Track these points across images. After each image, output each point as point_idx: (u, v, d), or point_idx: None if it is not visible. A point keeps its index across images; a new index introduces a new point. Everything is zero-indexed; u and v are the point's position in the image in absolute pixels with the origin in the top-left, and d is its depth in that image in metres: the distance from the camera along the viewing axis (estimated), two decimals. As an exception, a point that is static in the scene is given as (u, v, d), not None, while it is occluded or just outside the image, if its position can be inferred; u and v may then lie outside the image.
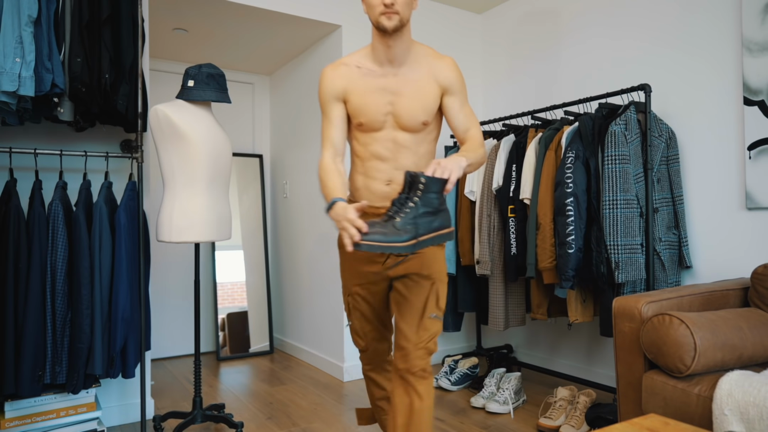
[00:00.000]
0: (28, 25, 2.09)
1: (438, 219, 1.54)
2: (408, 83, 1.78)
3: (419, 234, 1.49)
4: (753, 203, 2.45)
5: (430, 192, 1.51)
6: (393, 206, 1.52)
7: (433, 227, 1.53)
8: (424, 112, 1.79)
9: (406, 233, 1.47)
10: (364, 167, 1.83)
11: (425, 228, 1.51)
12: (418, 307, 1.78)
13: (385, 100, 1.77)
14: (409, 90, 1.78)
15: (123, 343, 2.39)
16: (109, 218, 2.40)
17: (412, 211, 1.50)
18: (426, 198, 1.51)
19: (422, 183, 1.49)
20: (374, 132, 1.80)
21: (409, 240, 1.47)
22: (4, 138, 2.51)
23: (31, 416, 2.33)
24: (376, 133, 1.80)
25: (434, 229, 1.54)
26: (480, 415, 2.81)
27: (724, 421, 1.64)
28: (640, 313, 1.96)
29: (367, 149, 1.82)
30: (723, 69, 2.60)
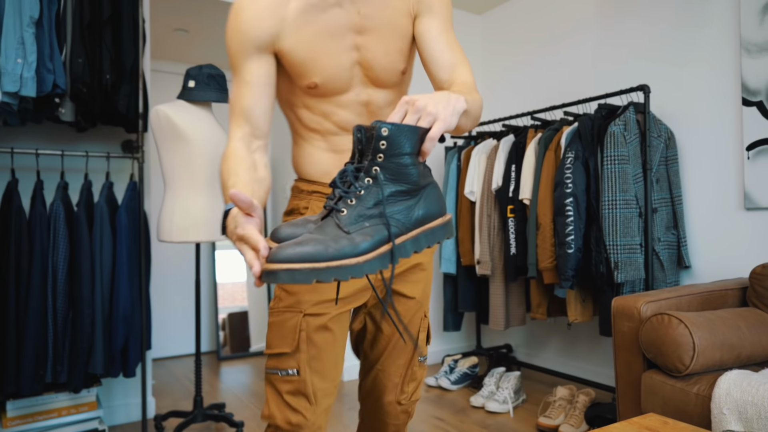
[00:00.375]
0: (30, 26, 2.10)
1: (421, 202, 0.89)
2: (375, 14, 1.19)
3: (390, 234, 0.84)
4: (751, 203, 2.45)
5: (397, 154, 0.85)
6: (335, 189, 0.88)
7: (413, 218, 0.88)
8: (402, 55, 1.23)
9: (363, 237, 0.82)
10: (322, 142, 1.24)
11: (401, 221, 0.86)
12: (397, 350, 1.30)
13: (348, 45, 1.17)
14: (378, 23, 1.20)
15: (124, 342, 2.40)
16: (110, 218, 2.41)
17: (370, 194, 0.85)
18: (393, 165, 0.85)
19: (383, 139, 0.84)
20: (336, 95, 1.20)
21: (369, 249, 0.82)
22: (6, 138, 2.52)
23: (33, 415, 2.34)
24: (339, 97, 1.20)
25: (417, 221, 0.88)
26: (480, 414, 2.82)
27: (722, 420, 1.65)
28: (639, 313, 1.97)
29: (328, 121, 1.22)
30: (721, 70, 2.61)
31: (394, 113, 0.89)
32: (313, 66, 1.15)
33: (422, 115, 0.88)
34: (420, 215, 0.89)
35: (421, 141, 0.87)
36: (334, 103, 1.20)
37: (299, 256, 0.77)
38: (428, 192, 0.91)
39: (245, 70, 1.14)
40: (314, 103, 1.20)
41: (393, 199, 0.86)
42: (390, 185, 0.86)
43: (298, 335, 1.15)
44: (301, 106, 1.22)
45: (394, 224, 0.85)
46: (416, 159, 0.87)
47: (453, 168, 3.43)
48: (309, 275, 0.76)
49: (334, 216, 0.85)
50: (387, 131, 0.84)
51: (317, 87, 1.17)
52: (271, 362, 1.18)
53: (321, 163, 1.24)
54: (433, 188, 0.92)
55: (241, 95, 1.15)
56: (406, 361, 1.30)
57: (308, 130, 1.24)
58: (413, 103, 0.89)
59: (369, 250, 0.82)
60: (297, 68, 1.16)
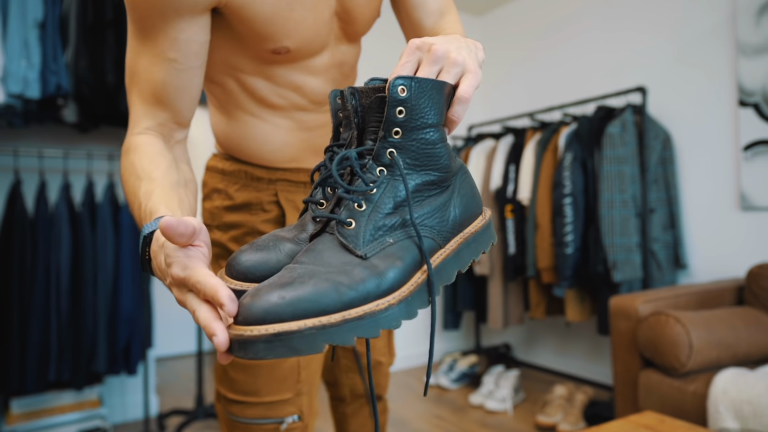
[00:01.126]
0: (34, 28, 2.12)
1: (455, 196, 0.61)
2: None
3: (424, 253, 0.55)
4: (748, 204, 2.48)
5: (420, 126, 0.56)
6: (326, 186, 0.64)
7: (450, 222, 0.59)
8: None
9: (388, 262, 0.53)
10: (292, 123, 0.94)
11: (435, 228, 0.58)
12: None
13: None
14: None
15: (126, 341, 2.42)
16: (113, 218, 2.43)
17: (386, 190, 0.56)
18: (415, 145, 0.57)
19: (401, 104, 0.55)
20: (308, 58, 0.90)
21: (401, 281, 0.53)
22: (10, 139, 2.54)
23: (37, 413, 2.36)
24: (310, 61, 0.90)
25: (455, 225, 0.60)
26: (479, 413, 2.84)
27: (718, 418, 1.67)
28: (637, 312, 1.99)
29: (296, 94, 0.92)
30: (718, 71, 2.63)
31: (402, 62, 0.58)
32: (285, 25, 0.82)
33: (445, 66, 0.58)
34: (457, 216, 0.59)
35: (448, 105, 0.59)
36: (305, 70, 0.90)
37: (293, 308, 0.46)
38: (462, 181, 0.61)
39: (166, 40, 0.75)
40: (279, 72, 0.88)
41: (419, 195, 0.57)
42: (414, 175, 0.57)
43: (298, 376, 0.91)
44: (257, 75, 0.88)
45: (428, 234, 0.56)
46: (444, 132, 0.59)
47: (452, 168, 3.45)
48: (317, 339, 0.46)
49: (335, 231, 0.55)
50: (406, 91, 0.54)
51: (289, 52, 0.85)
52: (253, 410, 0.89)
53: (286, 146, 0.94)
54: (465, 175, 0.63)
55: (158, 75, 0.77)
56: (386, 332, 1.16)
57: (264, 106, 0.91)
58: (430, 48, 0.59)
59: (401, 282, 0.52)
60: (259, 29, 0.81)
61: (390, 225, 0.55)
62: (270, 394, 0.89)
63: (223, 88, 0.91)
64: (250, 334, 0.45)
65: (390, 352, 1.18)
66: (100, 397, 2.52)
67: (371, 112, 0.57)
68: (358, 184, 0.56)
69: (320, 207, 0.62)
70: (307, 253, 0.54)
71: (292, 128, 0.94)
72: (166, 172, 0.73)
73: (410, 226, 0.56)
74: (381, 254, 0.53)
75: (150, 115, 0.79)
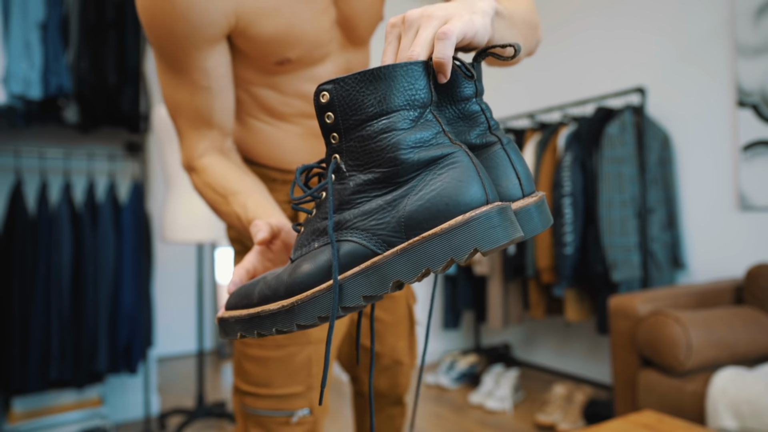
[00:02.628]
0: (36, 29, 2.13)
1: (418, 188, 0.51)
2: None
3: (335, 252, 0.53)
4: (747, 204, 2.49)
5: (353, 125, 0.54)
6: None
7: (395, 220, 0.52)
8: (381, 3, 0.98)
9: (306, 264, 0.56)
10: (302, 130, 0.97)
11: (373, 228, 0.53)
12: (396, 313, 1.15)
13: (324, 4, 0.89)
14: None
15: (127, 340, 2.43)
16: (114, 218, 2.44)
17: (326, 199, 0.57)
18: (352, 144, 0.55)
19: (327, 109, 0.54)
20: (312, 67, 0.93)
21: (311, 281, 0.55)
22: (12, 139, 2.54)
23: (39, 412, 2.37)
24: (314, 69, 0.94)
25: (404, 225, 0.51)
26: (478, 412, 2.85)
27: (717, 417, 1.68)
28: (636, 312, 2.00)
29: (303, 101, 0.95)
30: (717, 72, 2.64)
31: (386, 49, 0.58)
32: (286, 39, 0.86)
33: (421, 23, 0.55)
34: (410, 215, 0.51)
35: (428, 74, 0.53)
36: (309, 78, 0.93)
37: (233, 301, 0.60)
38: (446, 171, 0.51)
39: (197, 71, 0.83)
40: (285, 81, 0.92)
41: (362, 196, 0.54)
42: (358, 175, 0.54)
43: (309, 371, 0.94)
44: (265, 86, 0.92)
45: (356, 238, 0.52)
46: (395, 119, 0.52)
47: (452, 168, 3.46)
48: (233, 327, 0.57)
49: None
50: (327, 95, 0.54)
51: (291, 62, 0.89)
52: (267, 403, 0.93)
53: (297, 150, 0.97)
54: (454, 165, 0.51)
55: (199, 104, 0.86)
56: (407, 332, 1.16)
57: (273, 116, 0.95)
58: (403, 18, 0.57)
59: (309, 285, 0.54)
60: (263, 45, 0.85)
61: (321, 230, 0.56)
62: (282, 386, 0.92)
63: (237, 99, 0.95)
64: (219, 315, 0.61)
65: (411, 353, 1.18)
66: (102, 396, 2.53)
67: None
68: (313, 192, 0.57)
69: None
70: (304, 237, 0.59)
71: (302, 134, 0.97)
72: (243, 182, 0.84)
73: (343, 229, 0.53)
74: (305, 258, 0.56)
75: (202, 137, 0.88)
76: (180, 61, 0.82)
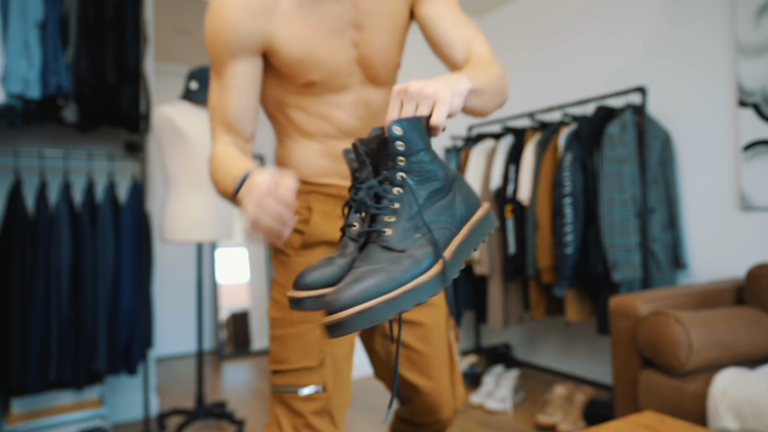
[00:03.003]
0: (34, 29, 2.12)
1: (457, 197, 0.82)
2: (371, 8, 1.10)
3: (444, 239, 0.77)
4: (747, 204, 2.48)
5: (416, 152, 0.77)
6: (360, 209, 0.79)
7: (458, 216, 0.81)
8: (399, 49, 1.17)
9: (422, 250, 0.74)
10: (322, 148, 1.15)
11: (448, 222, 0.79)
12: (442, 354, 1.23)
13: (346, 42, 1.09)
14: (375, 18, 1.10)
15: (127, 340, 2.43)
16: (113, 218, 2.43)
17: (405, 203, 0.77)
18: (416, 167, 0.77)
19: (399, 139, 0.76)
20: (334, 94, 1.12)
21: (432, 264, 0.74)
22: (10, 139, 2.54)
23: (38, 412, 2.36)
24: (337, 97, 1.12)
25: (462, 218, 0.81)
26: (479, 413, 2.84)
27: (718, 417, 1.67)
28: (636, 312, 1.99)
29: (326, 123, 1.13)
30: (718, 71, 2.64)
31: (391, 108, 0.79)
32: (311, 62, 1.05)
33: (419, 101, 0.78)
34: (463, 212, 0.81)
35: (426, 130, 0.79)
36: (332, 104, 1.11)
37: (366, 293, 0.67)
38: (459, 184, 0.83)
39: (229, 74, 1.05)
40: (311, 103, 1.11)
41: (430, 202, 0.78)
42: (422, 188, 0.78)
43: (321, 347, 1.06)
44: (294, 107, 1.12)
45: (443, 226, 0.77)
46: (432, 152, 0.79)
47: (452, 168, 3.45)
48: (386, 310, 0.67)
49: (377, 240, 0.75)
50: (401, 130, 0.76)
51: (315, 85, 1.08)
52: (285, 379, 1.05)
53: (317, 166, 1.15)
54: (460, 179, 0.85)
55: (225, 101, 1.07)
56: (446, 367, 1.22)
57: (301, 134, 1.14)
58: (406, 90, 0.79)
59: (432, 263, 0.74)
60: (292, 66, 1.06)
61: (416, 226, 0.76)
62: (297, 361, 1.06)
63: (276, 120, 1.18)
64: (339, 318, 0.66)
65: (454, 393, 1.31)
66: (101, 396, 2.53)
67: (379, 151, 0.79)
68: (385, 203, 0.77)
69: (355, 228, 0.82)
70: (361, 261, 0.74)
71: (323, 153, 1.15)
72: (243, 156, 1.05)
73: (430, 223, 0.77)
74: (414, 246, 0.74)
75: (226, 134, 1.10)
76: (221, 64, 1.06)
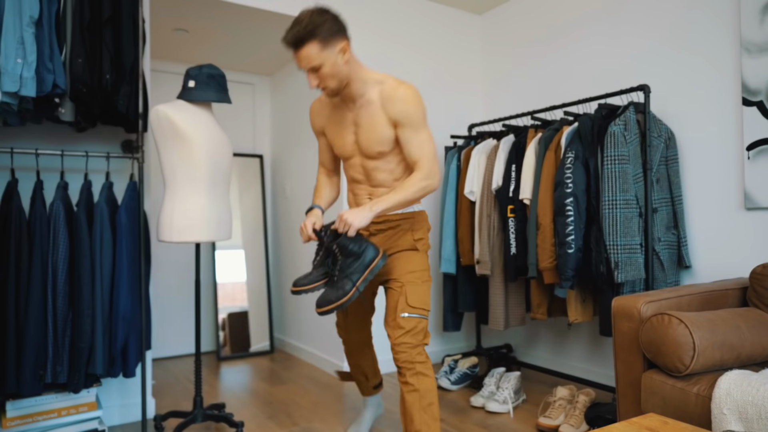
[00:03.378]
0: (30, 26, 2.10)
1: (362, 256, 1.85)
2: (365, 116, 1.95)
3: (356, 279, 1.84)
4: (752, 203, 2.45)
5: (344, 245, 1.82)
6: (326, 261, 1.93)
7: (364, 265, 1.85)
8: (379, 144, 1.96)
9: (346, 284, 1.83)
10: (350, 186, 2.15)
11: (358, 270, 1.85)
12: (391, 307, 1.98)
13: (351, 132, 2.02)
14: (366, 123, 1.96)
15: (124, 342, 2.40)
16: (110, 218, 2.41)
17: (341, 264, 1.85)
18: (343, 248, 1.84)
19: (336, 244, 1.84)
20: (347, 159, 2.09)
21: (350, 290, 1.82)
22: (6, 138, 2.52)
23: (33, 415, 2.34)
24: (349, 160, 2.09)
25: (365, 266, 1.85)
26: (479, 415, 2.82)
27: (722, 420, 1.65)
28: (639, 313, 1.97)
29: (348, 173, 2.13)
30: (722, 69, 2.61)
31: (335, 225, 1.86)
32: (334, 144, 2.12)
33: (344, 223, 1.82)
34: (366, 262, 1.87)
35: (345, 234, 1.85)
36: (349, 164, 2.11)
37: (330, 299, 1.84)
38: (367, 248, 1.88)
39: (318, 141, 2.24)
40: (344, 163, 2.15)
41: (350, 259, 1.86)
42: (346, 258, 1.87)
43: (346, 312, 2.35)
44: (343, 165, 2.20)
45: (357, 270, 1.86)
46: (353, 240, 1.86)
47: (453, 168, 3.43)
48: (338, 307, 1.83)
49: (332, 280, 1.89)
50: (336, 246, 1.87)
51: (338, 154, 2.12)
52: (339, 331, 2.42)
53: (349, 199, 2.20)
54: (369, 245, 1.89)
55: (319, 152, 2.26)
56: (391, 315, 1.97)
57: (348, 179, 2.16)
58: (341, 216, 1.82)
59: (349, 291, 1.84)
60: (330, 143, 2.16)
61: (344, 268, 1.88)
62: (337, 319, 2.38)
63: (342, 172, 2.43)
64: (323, 309, 1.84)
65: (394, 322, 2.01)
66: (97, 399, 2.50)
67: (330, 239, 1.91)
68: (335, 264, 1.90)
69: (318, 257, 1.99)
70: (331, 285, 1.89)
71: (351, 189, 2.17)
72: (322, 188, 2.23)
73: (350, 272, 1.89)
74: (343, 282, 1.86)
75: (322, 170, 2.27)
76: (317, 137, 2.24)
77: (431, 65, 3.91)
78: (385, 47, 3.69)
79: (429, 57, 3.91)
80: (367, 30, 3.61)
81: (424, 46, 3.89)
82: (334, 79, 1.86)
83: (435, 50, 3.94)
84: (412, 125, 1.90)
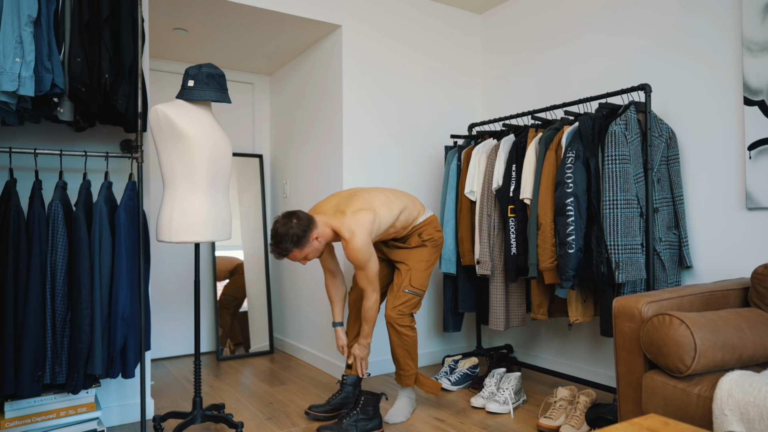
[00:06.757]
0: (28, 25, 2.09)
1: (371, 421, 2.56)
2: None
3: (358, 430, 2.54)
4: (753, 203, 2.44)
5: (368, 398, 2.57)
6: (344, 403, 2.79)
7: (368, 428, 2.54)
8: None
9: (349, 429, 2.51)
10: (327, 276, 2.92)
11: (362, 427, 2.53)
12: (397, 284, 2.72)
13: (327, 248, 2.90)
14: None
15: (123, 343, 2.39)
16: (109, 218, 2.40)
17: (356, 416, 2.54)
18: (365, 403, 2.57)
19: (364, 394, 2.58)
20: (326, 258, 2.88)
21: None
22: (4, 138, 2.51)
23: (31, 416, 2.33)
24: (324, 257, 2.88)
25: (367, 429, 2.54)
26: (480, 415, 2.81)
27: (724, 421, 1.64)
28: (641, 313, 1.96)
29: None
30: (723, 69, 2.60)
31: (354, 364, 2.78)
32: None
33: (358, 359, 2.72)
34: (369, 427, 2.55)
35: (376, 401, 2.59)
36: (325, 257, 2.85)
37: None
38: (375, 419, 2.56)
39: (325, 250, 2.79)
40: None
41: (363, 417, 2.54)
42: (360, 415, 2.55)
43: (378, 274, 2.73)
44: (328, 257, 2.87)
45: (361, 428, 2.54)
46: (374, 408, 2.59)
47: (453, 167, 3.42)
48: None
49: (342, 421, 2.54)
50: (363, 398, 2.59)
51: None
52: None
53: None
54: (378, 417, 2.58)
55: (324, 258, 2.81)
56: (397, 288, 2.70)
57: None
58: (356, 357, 2.71)
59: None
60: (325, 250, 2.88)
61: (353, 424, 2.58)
62: None
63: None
64: None
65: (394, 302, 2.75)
66: (96, 399, 2.49)
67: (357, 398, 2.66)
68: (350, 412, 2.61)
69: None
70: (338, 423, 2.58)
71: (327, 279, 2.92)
72: (336, 292, 2.87)
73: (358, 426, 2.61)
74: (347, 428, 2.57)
75: (327, 273, 2.86)
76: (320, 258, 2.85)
77: (431, 64, 3.91)
78: (386, 46, 3.68)
79: (429, 56, 3.90)
80: (368, 29, 3.60)
81: (424, 45, 3.88)
82: (317, 253, 2.58)
83: (435, 49, 3.93)
84: (360, 266, 2.56)
